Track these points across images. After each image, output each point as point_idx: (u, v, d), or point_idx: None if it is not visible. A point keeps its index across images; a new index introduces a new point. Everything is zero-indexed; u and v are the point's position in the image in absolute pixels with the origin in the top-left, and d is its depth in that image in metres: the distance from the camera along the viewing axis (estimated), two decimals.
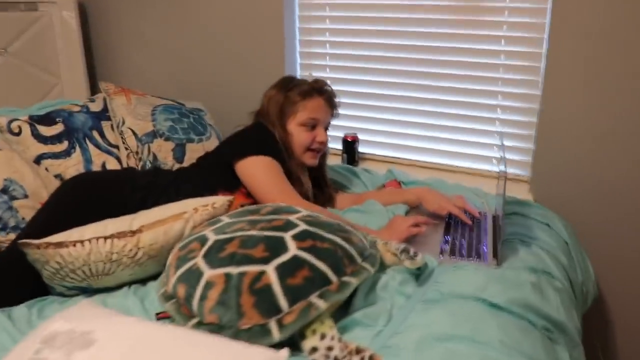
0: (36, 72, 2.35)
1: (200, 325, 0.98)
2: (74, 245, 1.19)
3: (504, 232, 1.34)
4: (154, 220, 1.26)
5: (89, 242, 1.20)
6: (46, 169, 1.64)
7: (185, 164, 1.78)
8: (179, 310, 1.04)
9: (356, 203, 1.68)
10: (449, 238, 1.43)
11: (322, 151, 1.66)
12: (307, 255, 1.04)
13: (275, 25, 2.11)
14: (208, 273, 1.02)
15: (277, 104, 1.60)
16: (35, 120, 1.67)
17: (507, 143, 1.93)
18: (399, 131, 2.11)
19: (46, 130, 1.67)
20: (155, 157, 1.74)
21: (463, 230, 1.48)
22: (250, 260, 1.01)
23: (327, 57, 2.17)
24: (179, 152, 1.78)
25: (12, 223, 1.49)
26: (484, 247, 1.38)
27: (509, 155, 1.94)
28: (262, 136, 1.54)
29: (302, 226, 1.11)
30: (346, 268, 1.07)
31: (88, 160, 1.70)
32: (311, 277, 1.01)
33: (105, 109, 1.82)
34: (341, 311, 1.07)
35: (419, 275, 1.23)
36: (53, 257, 1.18)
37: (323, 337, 0.97)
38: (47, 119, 1.69)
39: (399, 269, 1.20)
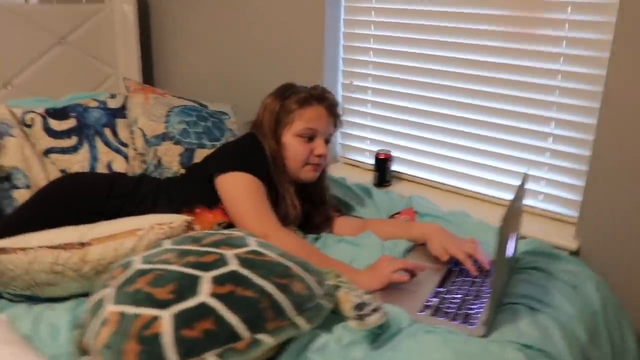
0: (93, 62, 2.41)
1: None
2: (16, 252, 1.14)
3: (498, 289, 1.10)
4: (106, 234, 1.19)
5: (33, 250, 1.15)
6: (53, 163, 1.63)
7: None
8: (78, 343, 0.95)
9: (358, 230, 1.50)
10: (442, 290, 1.22)
11: (322, 165, 1.49)
12: (218, 303, 0.89)
13: (316, 28, 1.96)
14: (109, 308, 0.92)
15: (272, 112, 1.45)
16: (50, 114, 1.68)
17: (556, 177, 1.64)
18: (437, 152, 1.88)
19: (57, 125, 1.67)
20: (160, 161, 1.68)
21: (464, 283, 1.25)
22: (151, 301, 0.89)
23: (370, 66, 1.98)
24: (187, 158, 1.70)
25: (7, 211, 1.49)
26: (477, 309, 1.14)
27: (556, 192, 1.64)
28: (248, 150, 1.41)
29: (232, 266, 0.97)
30: (267, 323, 0.91)
31: (94, 158, 1.68)
32: (213, 331, 0.86)
33: (124, 106, 1.79)
34: None
35: (380, 334, 1.03)
36: None
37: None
38: (61, 113, 1.69)
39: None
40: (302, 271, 1.04)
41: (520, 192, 1.22)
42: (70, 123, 1.69)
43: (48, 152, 1.64)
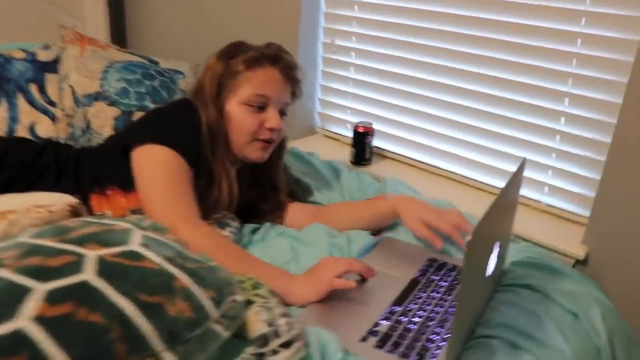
0: (59, 14, 2.14)
1: None
2: None
3: (464, 321, 0.81)
4: None
5: None
6: None
7: None
8: None
9: (310, 219, 1.22)
10: (398, 310, 0.93)
11: (274, 142, 1.20)
12: (41, 332, 0.63)
13: None
14: None
15: (215, 75, 1.16)
16: None
17: (566, 167, 1.32)
18: (426, 127, 1.57)
19: None
20: (89, 124, 1.41)
21: (429, 300, 0.96)
22: None
23: (354, 22, 1.67)
24: (123, 122, 1.43)
25: None
26: (441, 341, 0.86)
27: (565, 185, 1.33)
28: (175, 119, 1.12)
29: (86, 274, 0.70)
30: None
31: (13, 119, 1.42)
32: None
33: (56, 60, 1.52)
34: None
35: None
36: None
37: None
38: None
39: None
40: (193, 284, 0.76)
41: (515, 181, 0.92)
42: None
43: None
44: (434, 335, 0.87)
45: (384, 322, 0.90)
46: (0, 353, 0.60)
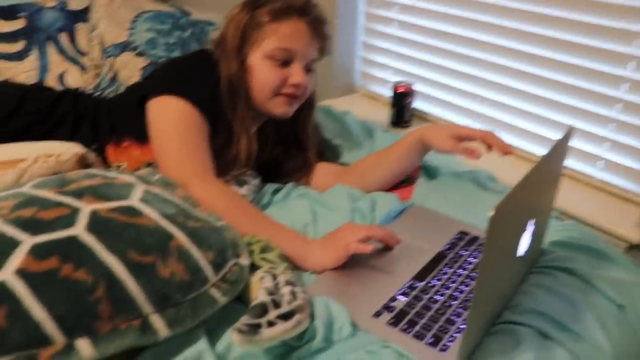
0: None
1: None
2: None
3: (484, 305, 0.72)
4: None
5: None
6: None
7: None
8: None
9: (339, 179, 1.15)
10: (419, 285, 0.86)
11: (299, 98, 1.12)
12: (23, 287, 0.59)
13: None
14: None
15: (238, 26, 1.08)
16: None
17: (626, 140, 1.19)
18: (471, 91, 1.46)
19: (2, 25, 1.39)
20: (116, 75, 1.38)
21: (454, 277, 0.87)
22: None
23: None
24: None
25: None
26: (461, 324, 0.78)
27: (624, 160, 1.20)
28: (192, 70, 1.06)
29: (76, 229, 0.66)
30: (97, 322, 0.60)
31: (44, 68, 1.40)
32: (4, 330, 0.57)
33: (88, 9, 1.48)
34: None
35: (297, 347, 0.71)
36: None
37: None
38: (8, 12, 1.41)
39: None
40: (192, 244, 0.71)
41: (559, 151, 0.82)
42: (18, 24, 1.40)
43: None
44: (455, 317, 0.79)
45: (402, 298, 0.82)
46: None
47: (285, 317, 0.67)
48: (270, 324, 0.66)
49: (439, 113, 1.56)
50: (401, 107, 1.51)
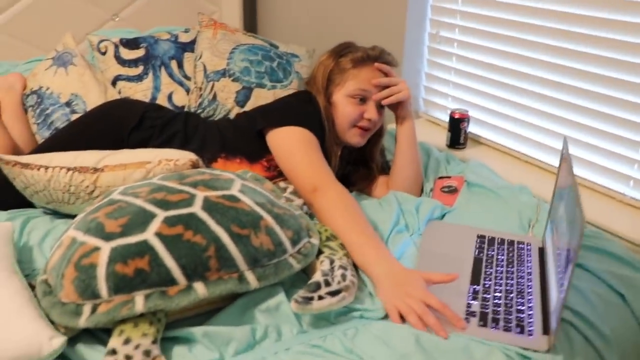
0: (200, 1, 2.44)
1: (42, 281, 0.90)
2: (38, 169, 1.19)
3: (565, 283, 0.84)
4: (118, 162, 1.19)
5: (52, 169, 1.19)
6: (119, 91, 1.69)
7: (246, 109, 1.65)
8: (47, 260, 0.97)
9: (389, 187, 1.40)
10: (478, 288, 1.00)
11: (371, 130, 1.37)
12: (160, 244, 0.85)
13: None
14: (68, 232, 0.92)
15: (326, 70, 1.38)
16: (123, 43, 1.73)
17: None
18: (522, 118, 1.63)
19: (127, 54, 1.71)
20: (215, 96, 1.66)
21: (499, 275, 1.04)
22: (99, 232, 0.87)
23: (458, 15, 1.76)
24: (243, 96, 1.66)
25: None
26: (529, 311, 0.94)
27: None
28: (305, 107, 1.33)
29: (194, 208, 0.91)
30: (208, 272, 0.85)
31: (157, 88, 1.70)
32: (146, 272, 0.82)
33: (194, 41, 1.79)
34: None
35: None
36: (18, 175, 1.20)
37: (127, 342, 0.79)
38: (133, 43, 1.73)
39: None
40: (276, 224, 0.95)
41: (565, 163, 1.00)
42: (139, 52, 1.72)
43: (116, 79, 1.70)
44: (520, 306, 0.95)
45: (474, 302, 0.95)
46: (133, 254, 0.83)
47: (333, 294, 0.88)
48: (320, 298, 0.86)
49: (490, 136, 1.74)
50: (457, 131, 1.70)
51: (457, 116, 1.69)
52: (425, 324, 0.88)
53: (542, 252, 1.13)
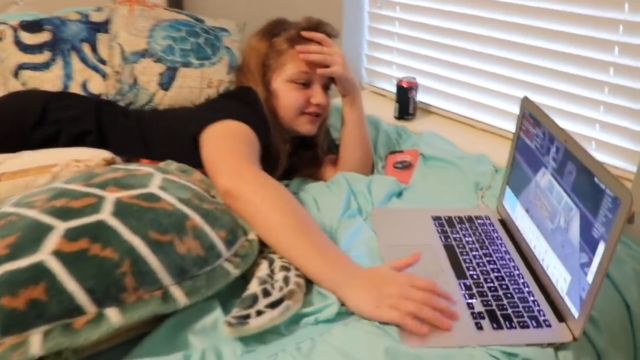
0: None
1: None
2: None
3: (594, 263, 0.74)
4: (18, 168, 1.01)
5: None
6: (23, 83, 1.47)
7: (172, 92, 1.47)
8: None
9: (337, 167, 1.26)
10: (468, 282, 0.86)
11: (321, 116, 1.22)
12: (59, 265, 0.68)
13: None
14: None
15: (260, 55, 1.21)
16: (23, 26, 1.50)
17: (614, 121, 1.24)
18: (472, 82, 1.52)
19: (30, 38, 1.49)
20: (135, 80, 1.47)
21: (476, 258, 0.92)
22: None
23: None
24: (167, 78, 1.48)
25: None
26: (532, 298, 0.83)
27: (614, 139, 1.25)
28: (246, 102, 1.14)
29: (103, 214, 0.75)
30: (124, 293, 0.69)
31: (68, 76, 1.49)
32: (42, 302, 0.65)
33: (108, 20, 1.58)
34: None
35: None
36: None
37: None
38: (35, 26, 1.50)
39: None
40: (205, 224, 0.80)
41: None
42: (44, 36, 1.50)
43: (19, 68, 1.48)
44: (519, 293, 0.84)
45: (473, 300, 0.82)
46: (24, 282, 0.66)
47: (275, 304, 0.73)
48: (259, 313, 0.72)
49: (441, 104, 1.62)
50: (405, 101, 1.58)
51: (404, 85, 1.57)
52: (425, 320, 0.74)
53: (503, 224, 1.03)
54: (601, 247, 0.70)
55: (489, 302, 0.82)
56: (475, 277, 0.88)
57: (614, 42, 1.21)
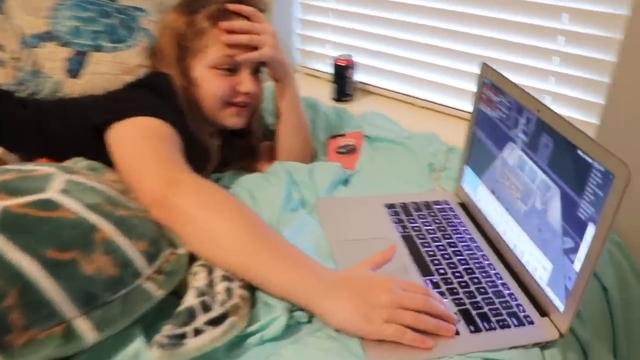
0: None
1: None
2: None
3: (583, 249, 0.65)
4: None
5: None
6: None
7: (84, 80, 1.28)
8: None
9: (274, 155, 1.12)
10: (435, 279, 0.75)
11: (251, 105, 1.05)
12: None
13: None
14: None
15: (175, 35, 1.01)
16: None
17: (566, 92, 1.17)
18: (414, 57, 1.42)
19: None
20: (39, 67, 1.27)
21: (440, 249, 0.82)
22: None
23: None
24: (76, 63, 1.28)
25: None
26: (505, 289, 0.73)
27: (565, 112, 1.18)
28: (156, 92, 0.97)
29: None
30: (10, 335, 0.53)
31: None
32: None
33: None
34: None
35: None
36: None
37: None
38: None
39: None
40: (119, 234, 0.64)
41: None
42: None
43: None
44: (493, 287, 0.74)
45: (445, 301, 0.70)
46: None
47: (216, 321, 0.60)
48: (197, 332, 0.58)
49: (382, 83, 1.51)
50: (343, 81, 1.46)
51: (342, 63, 1.45)
52: (426, 330, 0.62)
53: (465, 208, 0.93)
54: (591, 230, 0.60)
55: (462, 301, 0.71)
56: (442, 272, 0.77)
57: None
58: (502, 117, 0.81)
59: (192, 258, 0.71)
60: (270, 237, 0.70)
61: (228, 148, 1.10)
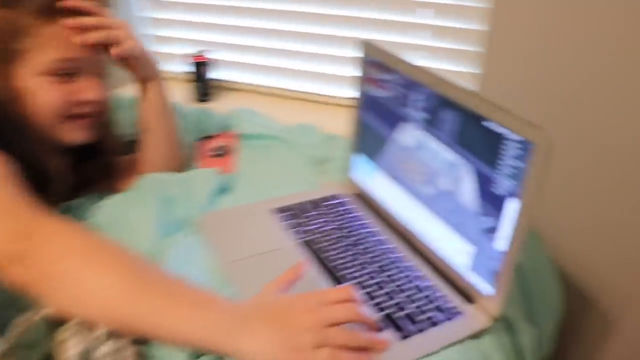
0: None
1: None
2: None
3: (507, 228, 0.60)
4: None
5: None
6: None
7: None
8: None
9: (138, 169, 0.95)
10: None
11: (97, 115, 0.87)
12: None
13: None
14: None
15: None
16: None
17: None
18: (277, 47, 1.34)
19: None
20: None
21: (345, 250, 0.74)
22: None
23: None
24: None
25: None
26: (422, 282, 0.67)
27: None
28: None
29: None
30: None
31: None
32: None
33: None
34: None
35: None
36: None
37: None
38: None
39: None
40: None
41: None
42: None
43: None
44: (408, 283, 0.67)
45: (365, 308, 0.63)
46: None
47: None
48: None
49: (246, 78, 1.41)
50: (203, 79, 1.34)
51: (199, 60, 1.32)
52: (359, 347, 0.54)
53: (361, 200, 0.87)
54: (512, 205, 0.55)
55: (382, 305, 0.64)
56: (355, 276, 0.69)
57: None
58: (392, 96, 0.74)
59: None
60: (155, 277, 0.57)
61: (80, 169, 0.92)
